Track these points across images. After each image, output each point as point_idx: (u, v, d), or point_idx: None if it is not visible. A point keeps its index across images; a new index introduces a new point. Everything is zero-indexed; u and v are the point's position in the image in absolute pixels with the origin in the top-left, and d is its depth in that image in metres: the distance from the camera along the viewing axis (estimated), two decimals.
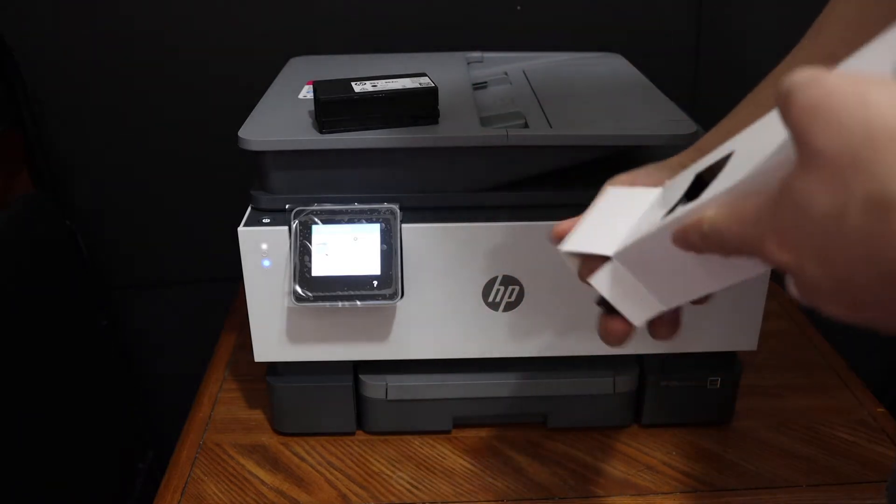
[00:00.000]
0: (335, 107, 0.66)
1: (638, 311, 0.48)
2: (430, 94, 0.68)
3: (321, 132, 0.66)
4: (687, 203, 0.41)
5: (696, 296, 0.46)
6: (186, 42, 1.06)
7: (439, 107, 0.69)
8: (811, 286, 0.33)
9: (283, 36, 1.05)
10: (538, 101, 0.76)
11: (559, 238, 0.51)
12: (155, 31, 1.05)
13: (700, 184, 0.43)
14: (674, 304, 0.47)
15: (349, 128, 0.67)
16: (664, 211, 0.45)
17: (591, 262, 0.48)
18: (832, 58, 0.37)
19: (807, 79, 0.31)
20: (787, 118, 0.31)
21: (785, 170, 0.33)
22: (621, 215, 0.49)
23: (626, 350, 0.72)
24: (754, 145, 0.39)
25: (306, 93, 0.77)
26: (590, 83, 0.84)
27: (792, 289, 0.35)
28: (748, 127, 0.42)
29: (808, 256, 0.32)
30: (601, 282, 0.48)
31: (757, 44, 1.11)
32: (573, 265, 0.50)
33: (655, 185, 0.50)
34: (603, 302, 0.50)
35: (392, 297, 0.65)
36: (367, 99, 0.66)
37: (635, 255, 0.46)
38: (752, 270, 0.41)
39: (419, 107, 0.68)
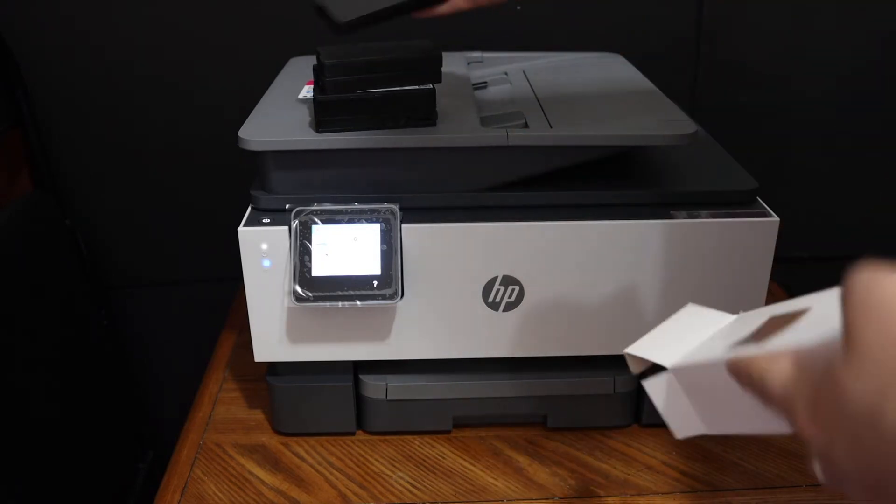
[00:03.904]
0: (332, 106, 0.66)
1: (681, 425, 0.49)
2: (428, 96, 0.67)
3: (317, 131, 0.66)
4: (753, 344, 0.42)
5: (740, 432, 0.46)
6: (186, 42, 1.06)
7: (440, 107, 0.69)
8: (836, 467, 0.34)
9: (283, 36, 1.04)
10: (538, 101, 0.76)
11: None
12: (155, 31, 1.05)
13: (773, 326, 0.45)
14: (717, 431, 0.48)
15: (345, 128, 0.67)
16: (731, 341, 0.46)
17: (650, 367, 0.50)
18: None
19: (869, 274, 0.32)
20: (843, 306, 0.32)
21: (835, 352, 0.33)
22: (692, 331, 0.51)
23: None
24: (827, 312, 0.40)
25: (306, 93, 0.77)
26: (590, 83, 0.84)
27: (817, 470, 0.36)
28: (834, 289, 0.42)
29: (838, 439, 0.33)
30: (654, 388, 0.49)
31: (757, 44, 1.11)
32: (635, 367, 0.52)
33: None
34: None
35: (392, 297, 0.65)
36: (365, 100, 0.66)
37: (692, 376, 0.47)
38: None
39: (416, 109, 0.67)
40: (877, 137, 1.16)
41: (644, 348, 0.51)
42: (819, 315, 0.41)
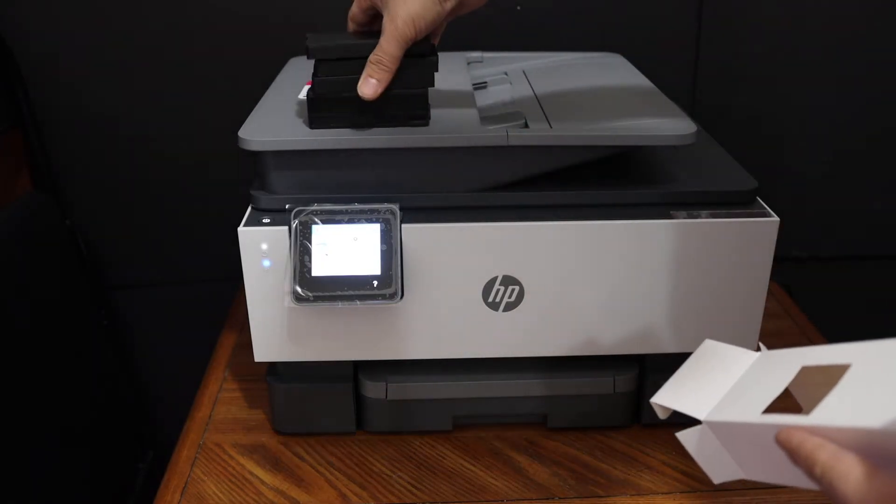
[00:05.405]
0: (324, 103, 0.66)
1: (719, 472, 0.50)
2: (420, 97, 0.67)
3: (310, 127, 0.66)
4: (798, 415, 0.42)
5: (778, 482, 0.47)
6: (186, 42, 1.06)
7: (440, 107, 0.68)
8: None
9: (283, 36, 1.04)
10: (538, 101, 0.76)
11: None
12: (155, 31, 1.05)
13: (810, 382, 0.45)
14: (756, 478, 0.48)
15: (338, 125, 0.66)
16: (765, 397, 0.45)
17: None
18: None
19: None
20: None
21: None
22: (716, 374, 0.51)
23: (626, 350, 0.72)
24: (871, 373, 0.39)
25: (306, 93, 0.77)
26: (590, 83, 0.84)
27: None
28: (876, 341, 0.42)
29: None
30: (688, 439, 0.50)
31: (757, 44, 1.11)
32: (663, 414, 0.52)
33: None
34: None
35: (392, 297, 0.65)
36: (357, 98, 0.66)
37: (727, 431, 0.47)
38: None
39: (408, 109, 0.67)
40: (877, 137, 1.16)
41: (672, 398, 0.51)
42: (863, 375, 0.40)
